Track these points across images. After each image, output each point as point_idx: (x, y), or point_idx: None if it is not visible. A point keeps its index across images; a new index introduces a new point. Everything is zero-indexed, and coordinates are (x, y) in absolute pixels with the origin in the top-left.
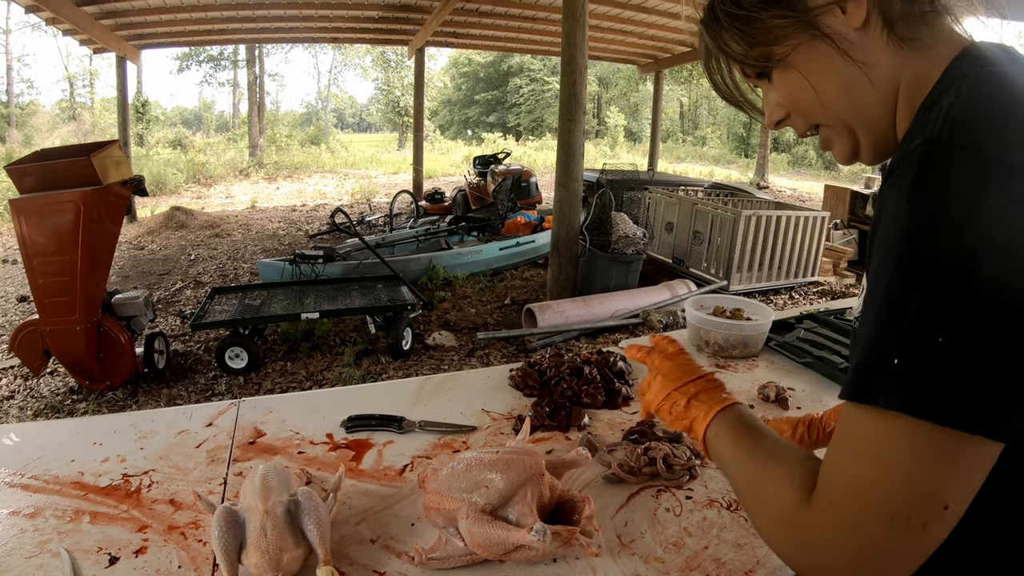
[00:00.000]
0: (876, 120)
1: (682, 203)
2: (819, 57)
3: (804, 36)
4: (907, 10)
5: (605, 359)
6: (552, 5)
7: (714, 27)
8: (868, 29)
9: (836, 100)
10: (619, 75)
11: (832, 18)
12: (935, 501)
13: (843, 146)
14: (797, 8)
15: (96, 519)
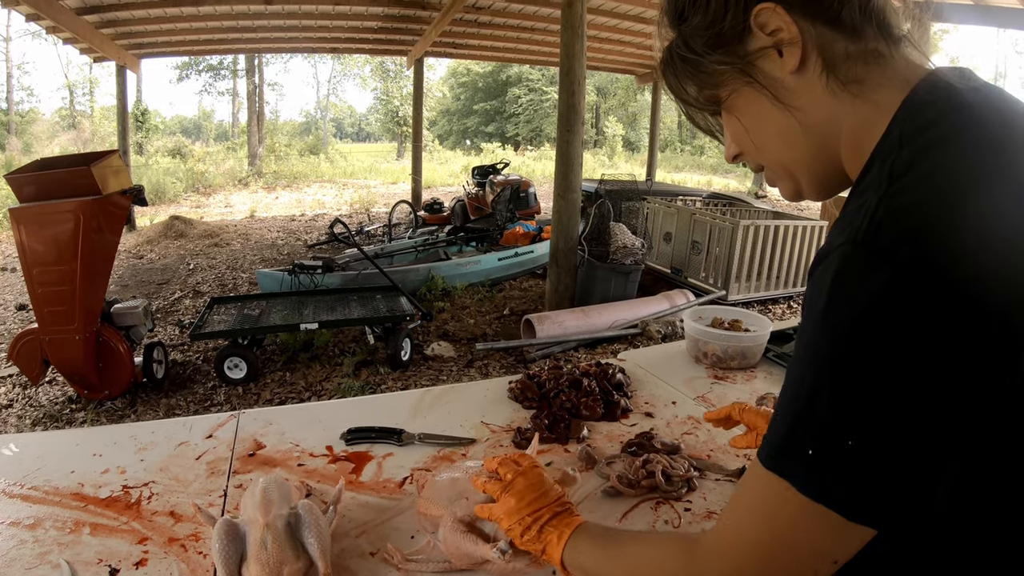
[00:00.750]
0: (814, 164)
1: (680, 213)
2: (752, 103)
3: (740, 81)
4: (850, 49)
5: (604, 371)
6: (551, 16)
7: (669, 70)
8: (806, 73)
9: (770, 145)
10: (617, 85)
11: (769, 63)
12: (827, 558)
13: (785, 187)
14: (736, 52)
15: (96, 531)
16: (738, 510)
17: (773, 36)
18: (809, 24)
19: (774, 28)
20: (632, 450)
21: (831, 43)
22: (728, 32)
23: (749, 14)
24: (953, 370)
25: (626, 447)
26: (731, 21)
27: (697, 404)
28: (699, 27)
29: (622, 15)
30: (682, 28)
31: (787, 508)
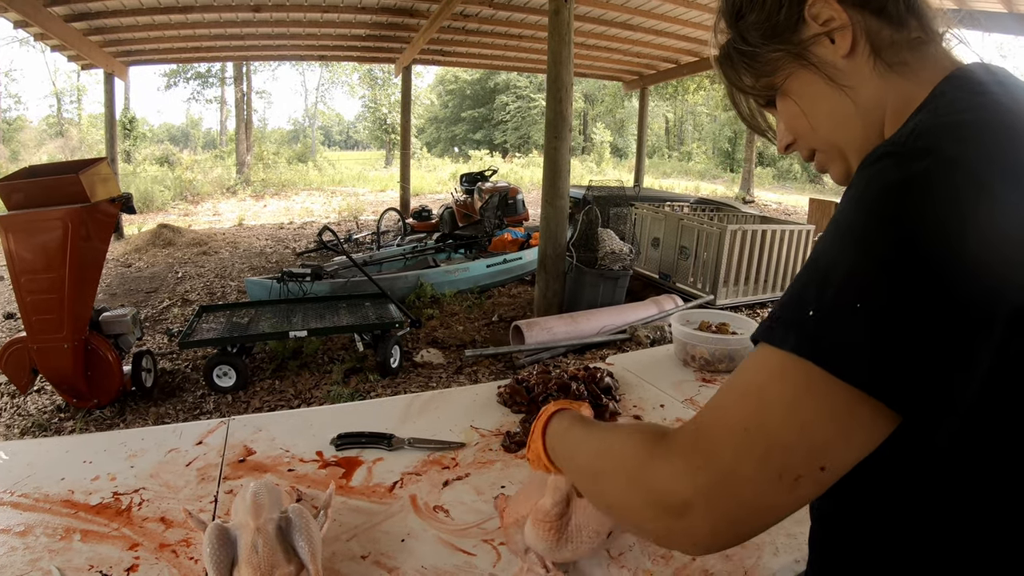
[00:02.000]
0: (864, 143)
1: (668, 219)
2: (808, 84)
3: (795, 65)
4: (895, 37)
5: (592, 375)
6: (538, 23)
7: (727, 63)
8: (855, 57)
9: (825, 124)
10: (605, 92)
11: (822, 48)
12: (814, 458)
13: (836, 169)
14: (791, 40)
15: (87, 537)
16: (721, 397)
17: (825, 25)
18: (857, 13)
19: (826, 18)
20: None
21: (878, 30)
22: (783, 23)
23: (803, 6)
24: (975, 270)
25: None
26: (786, 13)
27: (685, 407)
28: (756, 22)
29: (609, 22)
30: (739, 25)
31: (775, 382)
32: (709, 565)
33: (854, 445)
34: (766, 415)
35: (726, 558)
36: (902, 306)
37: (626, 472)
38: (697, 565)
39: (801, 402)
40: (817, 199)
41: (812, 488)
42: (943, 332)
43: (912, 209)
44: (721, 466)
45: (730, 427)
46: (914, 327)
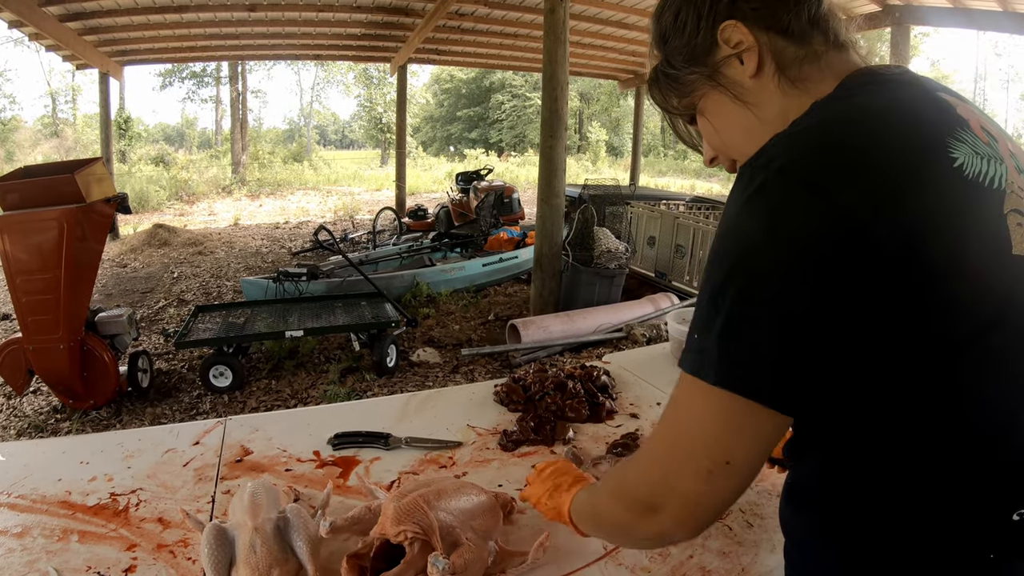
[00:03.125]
0: None
1: (664, 217)
2: (719, 103)
3: (708, 86)
4: (799, 53)
5: (589, 373)
6: (533, 22)
7: (656, 87)
8: (762, 75)
9: (735, 139)
10: (600, 90)
11: (732, 69)
12: (717, 455)
13: None
14: (706, 63)
15: (84, 538)
16: (661, 418)
17: (736, 47)
18: (764, 34)
19: (736, 40)
20: (618, 451)
21: (783, 49)
22: (700, 47)
23: (716, 30)
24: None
25: (612, 448)
26: (702, 37)
27: None
28: (678, 47)
29: (604, 21)
30: (665, 49)
31: (684, 396)
32: (706, 562)
33: (753, 442)
34: (680, 426)
35: (723, 556)
36: (745, 322)
37: (626, 509)
38: (695, 562)
39: (696, 410)
40: None
41: (726, 480)
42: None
43: (739, 226)
44: (659, 468)
45: (660, 444)
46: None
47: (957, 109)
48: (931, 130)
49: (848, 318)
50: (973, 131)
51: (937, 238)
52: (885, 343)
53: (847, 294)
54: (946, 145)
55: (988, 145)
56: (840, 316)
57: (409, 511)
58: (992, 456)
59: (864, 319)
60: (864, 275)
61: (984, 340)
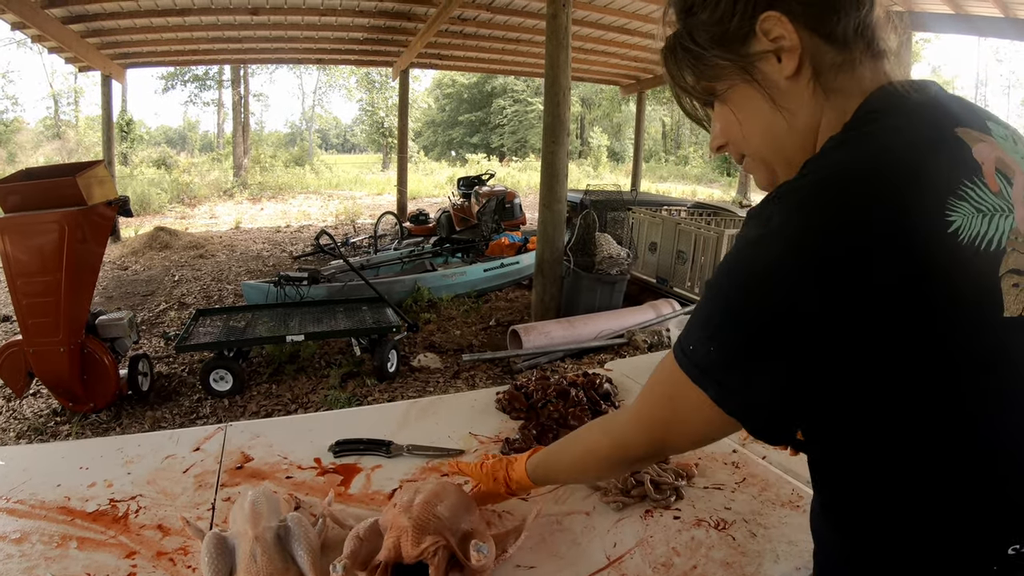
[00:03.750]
0: (792, 161)
1: (665, 223)
2: (749, 99)
3: (739, 78)
4: (836, 60)
5: (591, 381)
6: (535, 27)
7: (671, 58)
8: (798, 79)
9: (758, 138)
10: (602, 96)
11: (767, 65)
12: (707, 437)
13: (761, 177)
14: (738, 52)
15: (83, 545)
16: (649, 390)
17: (775, 42)
18: (807, 35)
19: (777, 35)
20: None
21: (822, 54)
22: (734, 32)
23: (756, 19)
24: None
25: None
26: (738, 22)
27: None
28: (706, 23)
29: (606, 26)
30: (688, 21)
31: (682, 390)
32: (710, 572)
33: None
34: (675, 411)
35: (727, 566)
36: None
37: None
38: (698, 572)
39: (691, 408)
40: None
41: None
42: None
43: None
44: (655, 431)
45: (654, 415)
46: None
47: (973, 150)
48: (933, 189)
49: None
50: (984, 178)
51: (925, 304)
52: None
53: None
54: (945, 207)
55: (998, 194)
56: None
57: (424, 525)
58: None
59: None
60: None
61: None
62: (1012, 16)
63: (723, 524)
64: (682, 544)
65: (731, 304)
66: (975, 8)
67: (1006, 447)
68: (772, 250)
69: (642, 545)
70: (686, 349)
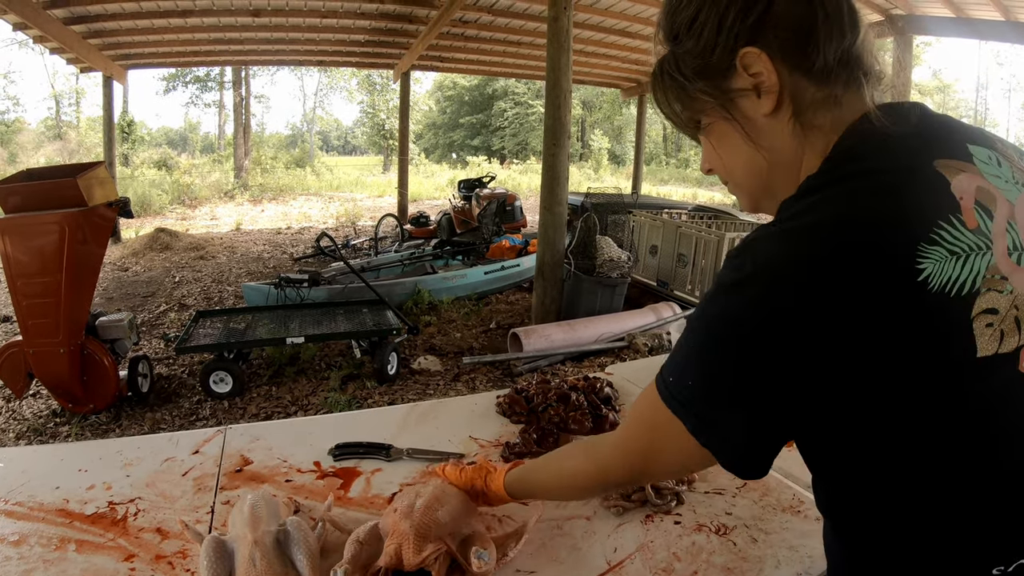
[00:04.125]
0: (777, 193)
1: (666, 226)
2: (728, 135)
3: (718, 115)
4: (816, 95)
5: (592, 385)
6: (537, 30)
7: (659, 83)
8: (777, 116)
9: (738, 172)
10: (603, 98)
11: (747, 102)
12: (688, 467)
13: (744, 203)
14: (720, 87)
15: (82, 547)
16: (631, 418)
17: (754, 78)
18: (787, 72)
19: (756, 71)
20: None
21: (803, 90)
22: (715, 65)
23: (736, 53)
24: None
25: None
26: (719, 55)
27: None
28: (690, 52)
29: (608, 29)
30: (675, 48)
31: (661, 419)
32: None
33: (667, 454)
34: (654, 440)
35: (728, 572)
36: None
37: (584, 464)
38: None
39: (670, 438)
40: None
41: (653, 473)
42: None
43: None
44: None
45: (634, 443)
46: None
47: (952, 184)
48: (904, 236)
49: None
50: (961, 216)
51: (891, 353)
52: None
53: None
54: (916, 254)
55: (976, 231)
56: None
57: (426, 532)
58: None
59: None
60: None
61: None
62: (1013, 19)
63: (724, 529)
64: (683, 549)
65: (708, 343)
66: (976, 11)
67: (988, 480)
68: (745, 295)
69: (643, 550)
70: (667, 380)
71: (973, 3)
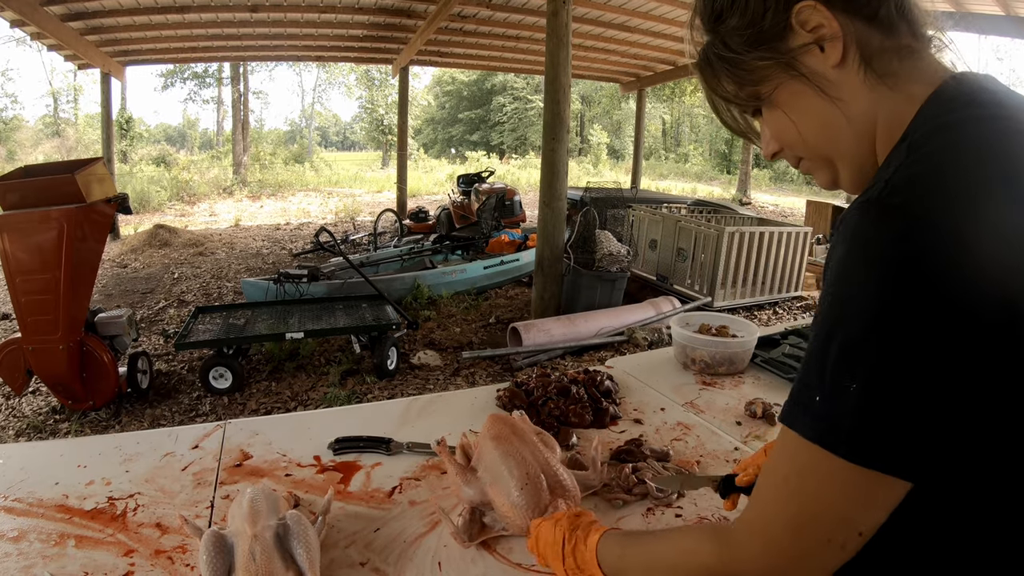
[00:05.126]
0: (854, 155)
1: (665, 220)
2: (798, 95)
3: (784, 76)
4: (886, 44)
5: (592, 378)
6: (536, 25)
7: (708, 70)
8: (846, 67)
9: (815, 136)
10: (602, 93)
11: (811, 57)
12: (849, 529)
13: (823, 177)
14: (779, 49)
15: (81, 543)
16: (762, 487)
17: (814, 32)
18: (848, 20)
19: (815, 25)
20: (622, 457)
21: (868, 38)
22: (769, 30)
23: (790, 12)
24: (950, 326)
25: (615, 454)
26: (772, 19)
27: (686, 410)
28: (738, 27)
29: (607, 24)
30: (719, 29)
31: (802, 464)
32: None
33: (879, 508)
34: (800, 502)
35: None
36: (894, 378)
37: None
38: None
39: (823, 486)
40: (814, 201)
41: (855, 547)
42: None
43: (885, 277)
44: (780, 550)
45: (778, 518)
46: (908, 398)
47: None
48: None
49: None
50: None
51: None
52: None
53: (991, 356)
54: None
55: None
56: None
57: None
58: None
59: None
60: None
61: None
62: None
63: (725, 522)
64: None
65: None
66: (975, 6)
67: None
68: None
69: None
70: (799, 416)
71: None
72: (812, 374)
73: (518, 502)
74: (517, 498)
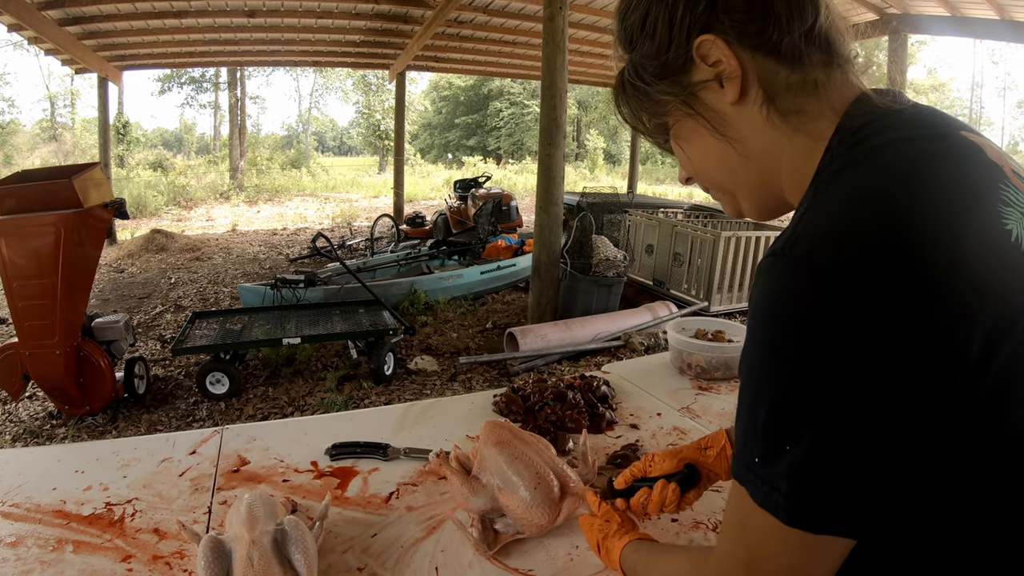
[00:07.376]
0: (755, 190)
1: (662, 225)
2: (694, 131)
3: (681, 112)
4: (791, 80)
5: (588, 384)
6: (532, 30)
7: (622, 96)
8: (746, 105)
9: (712, 171)
10: (598, 98)
11: (711, 94)
12: (802, 573)
13: (728, 207)
14: (681, 83)
15: (79, 548)
16: (724, 523)
17: (715, 68)
18: (749, 55)
19: (715, 60)
20: (618, 462)
21: (772, 75)
22: (673, 62)
23: (691, 44)
24: (868, 380)
25: (612, 459)
26: (675, 51)
27: (682, 415)
28: (647, 55)
29: (603, 29)
30: (632, 55)
31: (751, 518)
32: None
33: (827, 560)
34: (751, 547)
35: None
36: (822, 440)
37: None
38: None
39: (770, 541)
40: None
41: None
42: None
43: (803, 330)
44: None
45: (732, 563)
46: (837, 458)
47: (987, 152)
48: (979, 196)
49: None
50: (1010, 181)
51: (1010, 331)
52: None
53: (931, 404)
54: (999, 214)
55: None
56: (923, 427)
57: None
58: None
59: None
60: (946, 384)
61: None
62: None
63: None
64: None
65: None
66: (971, 10)
67: None
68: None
69: None
70: (744, 473)
71: (968, 2)
72: (748, 433)
73: (532, 502)
74: (531, 498)
